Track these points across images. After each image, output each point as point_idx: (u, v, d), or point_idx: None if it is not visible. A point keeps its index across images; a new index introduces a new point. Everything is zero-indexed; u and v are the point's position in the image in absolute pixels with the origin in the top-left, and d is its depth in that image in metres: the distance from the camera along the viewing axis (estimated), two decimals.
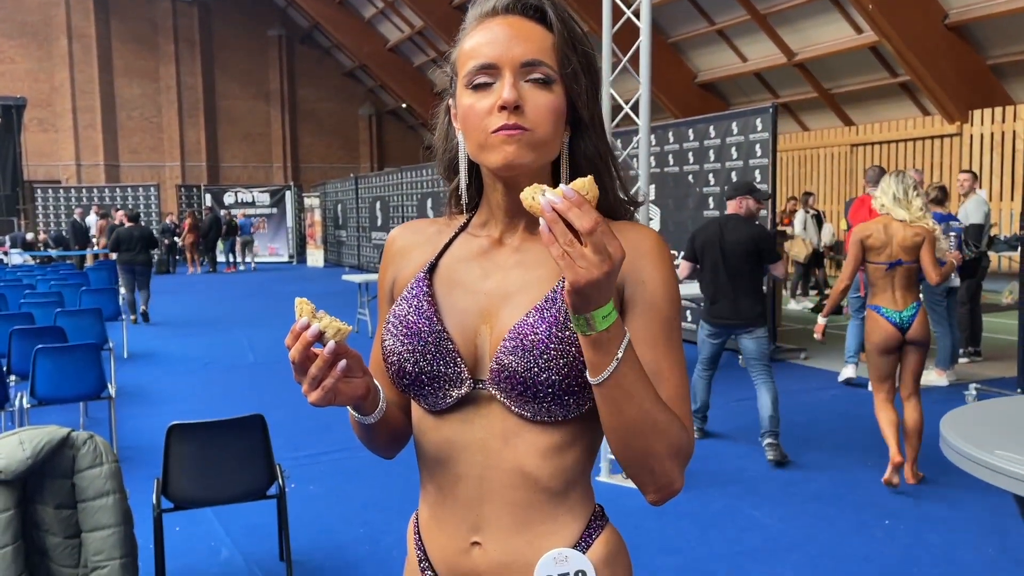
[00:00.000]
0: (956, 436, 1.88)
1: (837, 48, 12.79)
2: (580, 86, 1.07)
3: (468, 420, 1.07)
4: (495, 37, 1.04)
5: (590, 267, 0.86)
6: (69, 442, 2.66)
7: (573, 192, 0.87)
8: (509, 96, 1.01)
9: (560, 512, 1.07)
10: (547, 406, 1.02)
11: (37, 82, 24.66)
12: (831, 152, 14.70)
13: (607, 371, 0.93)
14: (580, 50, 1.07)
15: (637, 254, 1.05)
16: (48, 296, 7.97)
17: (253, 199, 23.89)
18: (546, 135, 1.04)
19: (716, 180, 8.40)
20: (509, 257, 1.11)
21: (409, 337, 1.07)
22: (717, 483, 4.49)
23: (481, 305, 1.09)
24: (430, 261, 1.14)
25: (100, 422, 5.61)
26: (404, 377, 1.08)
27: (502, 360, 1.03)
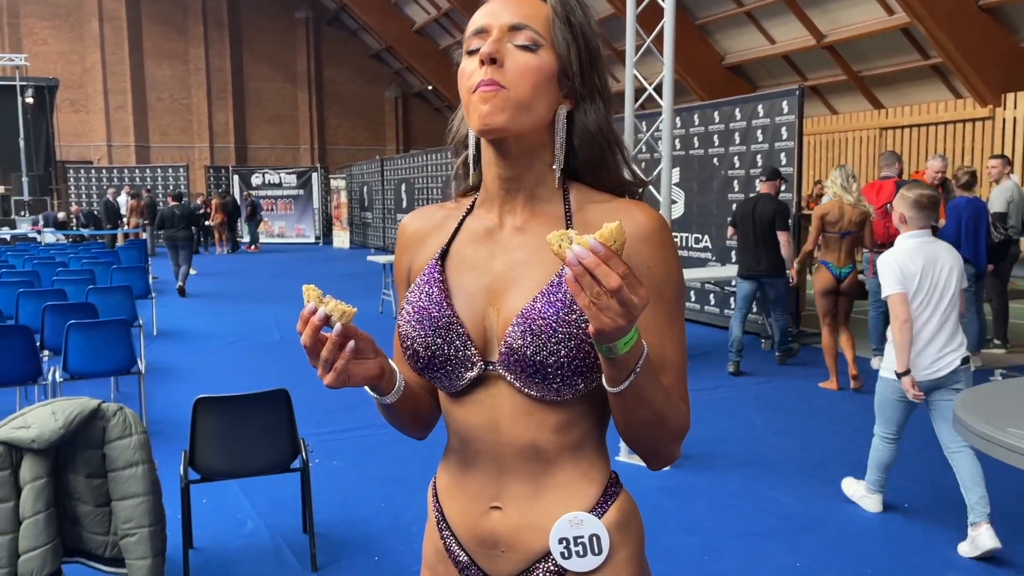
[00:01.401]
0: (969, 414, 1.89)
1: (868, 30, 12.59)
2: (571, 57, 1.08)
3: (480, 401, 1.11)
4: (492, 7, 1.09)
5: (616, 318, 0.88)
6: (100, 413, 2.74)
7: (600, 245, 0.87)
8: (487, 49, 1.04)
9: (575, 479, 1.11)
10: (556, 387, 1.05)
11: (69, 63, 24.96)
12: (859, 136, 14.51)
13: (624, 384, 0.97)
14: (575, 24, 1.09)
15: (641, 237, 1.06)
16: (80, 274, 8.13)
17: (280, 180, 24.07)
18: (523, 95, 1.05)
19: (741, 163, 8.35)
20: (513, 238, 1.13)
21: (421, 322, 1.11)
22: (734, 464, 4.51)
23: (489, 287, 1.11)
24: (442, 247, 1.16)
25: (130, 396, 5.74)
26: (419, 360, 1.12)
27: (511, 344, 1.05)
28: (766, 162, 8.02)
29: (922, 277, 3.50)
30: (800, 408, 5.68)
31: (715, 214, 8.77)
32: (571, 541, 1.10)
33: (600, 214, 1.11)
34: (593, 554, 1.10)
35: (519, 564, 1.13)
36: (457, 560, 1.18)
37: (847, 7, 12.66)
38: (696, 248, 9.09)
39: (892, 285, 3.51)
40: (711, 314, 9.01)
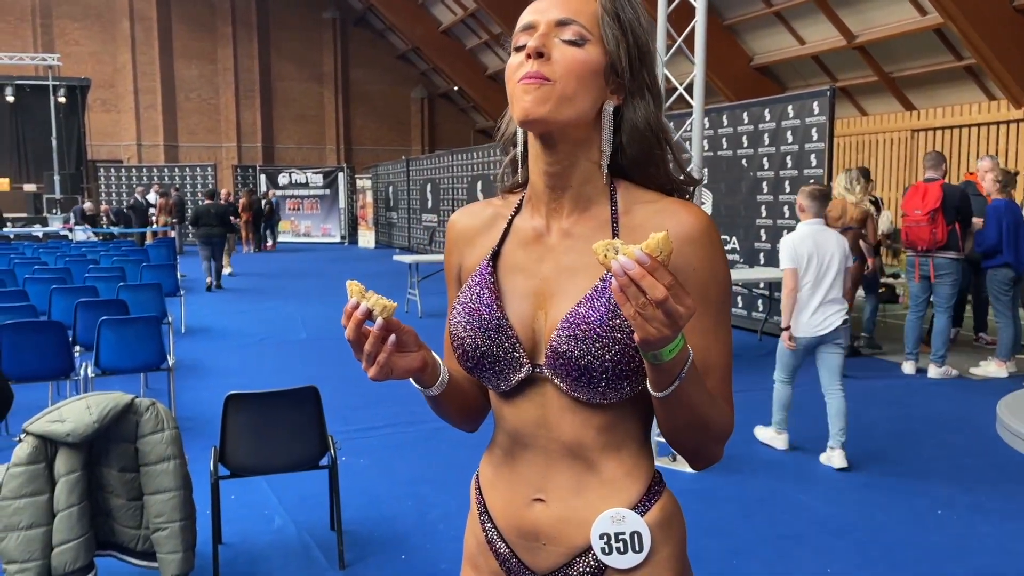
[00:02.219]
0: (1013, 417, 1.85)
1: (900, 30, 12.41)
2: (620, 52, 1.08)
3: (529, 399, 1.13)
4: (540, 4, 1.09)
5: (661, 328, 0.89)
6: (133, 408, 2.77)
7: (647, 257, 0.87)
8: (534, 43, 1.04)
9: (618, 476, 1.12)
10: (601, 390, 1.06)
11: (101, 64, 25.29)
12: (890, 137, 14.32)
13: (669, 389, 0.98)
14: (624, 20, 1.08)
15: (687, 238, 1.06)
16: (111, 271, 8.23)
17: (307, 180, 24.23)
18: (567, 89, 1.04)
19: (770, 164, 8.28)
20: (560, 241, 1.13)
21: (472, 324, 1.12)
22: (764, 468, 4.47)
23: (538, 290, 1.12)
24: (493, 248, 1.17)
25: (160, 392, 5.79)
26: (468, 360, 1.14)
27: (557, 348, 1.06)
28: (796, 163, 7.95)
29: (810, 258, 4.40)
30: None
31: (743, 215, 8.70)
32: (612, 537, 1.10)
33: (647, 215, 1.10)
34: (634, 551, 1.10)
35: (560, 557, 1.13)
36: (498, 552, 1.19)
37: (879, 7, 12.50)
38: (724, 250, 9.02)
39: (786, 261, 4.45)
40: (738, 316, 8.94)
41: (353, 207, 24.75)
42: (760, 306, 8.61)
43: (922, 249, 6.33)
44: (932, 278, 6.38)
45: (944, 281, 6.34)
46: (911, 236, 6.38)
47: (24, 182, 20.99)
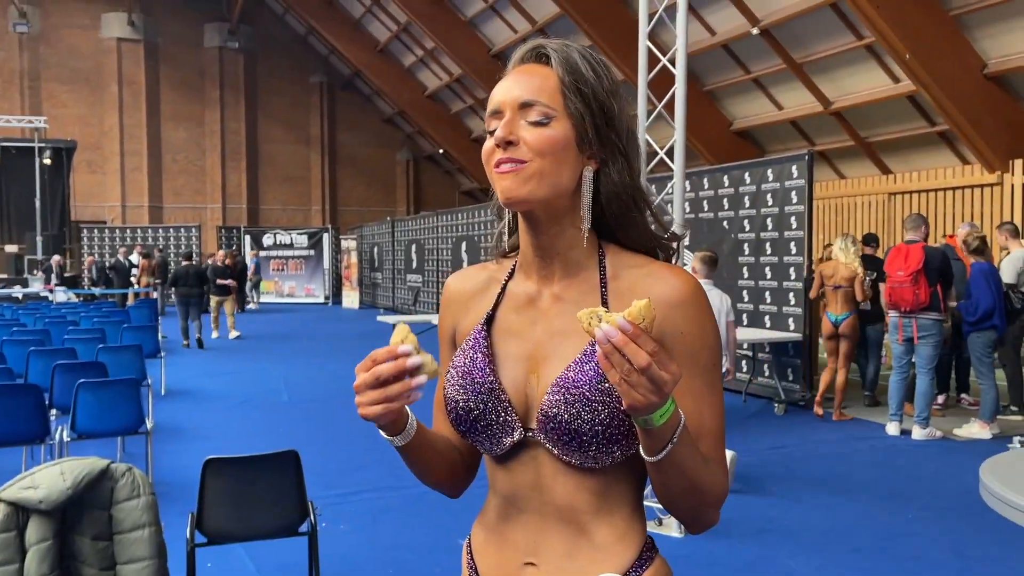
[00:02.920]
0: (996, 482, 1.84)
1: (874, 97, 12.75)
2: (586, 123, 1.10)
3: (523, 463, 1.13)
4: (505, 84, 1.12)
5: (647, 394, 0.90)
6: (108, 473, 2.71)
7: (628, 324, 0.89)
8: (500, 133, 1.08)
9: (611, 541, 1.11)
10: (592, 454, 1.06)
11: (88, 126, 25.45)
12: (868, 200, 14.58)
13: (662, 453, 0.98)
14: (586, 91, 1.10)
15: (674, 302, 1.07)
16: (91, 332, 8.14)
17: (291, 241, 24.27)
18: (542, 168, 1.07)
19: (751, 226, 8.38)
20: (552, 306, 1.14)
21: (466, 387, 1.13)
22: (751, 532, 4.41)
23: (530, 354, 1.13)
24: (487, 312, 1.18)
25: (137, 457, 5.68)
26: (461, 423, 1.15)
27: (547, 411, 1.07)
28: (776, 226, 8.06)
29: None
30: (816, 475, 5.58)
31: (725, 277, 8.76)
32: None
33: (635, 279, 1.12)
34: None
35: None
36: None
37: (853, 75, 12.86)
38: None
39: None
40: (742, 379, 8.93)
41: (338, 268, 24.76)
42: (744, 367, 8.62)
43: (905, 310, 6.39)
44: (915, 339, 6.42)
45: (927, 342, 6.39)
46: (894, 297, 6.44)
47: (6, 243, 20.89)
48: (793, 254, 7.89)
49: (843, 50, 12.40)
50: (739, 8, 12.79)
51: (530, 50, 1.14)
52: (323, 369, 10.62)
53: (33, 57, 24.98)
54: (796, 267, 7.86)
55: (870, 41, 11.77)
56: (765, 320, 8.24)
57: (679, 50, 4.46)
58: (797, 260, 7.85)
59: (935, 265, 6.34)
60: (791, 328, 7.89)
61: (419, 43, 21.57)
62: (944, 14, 10.76)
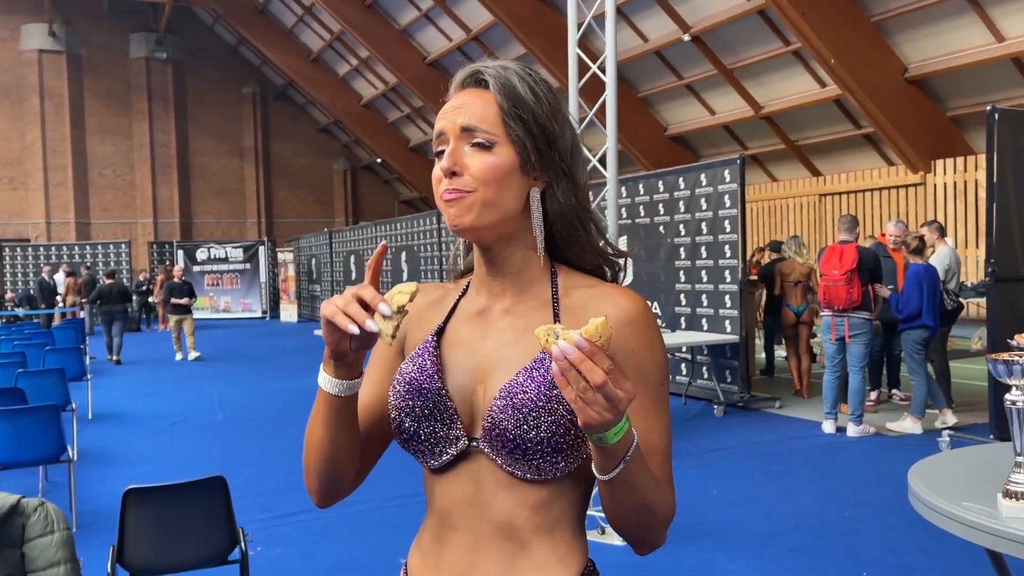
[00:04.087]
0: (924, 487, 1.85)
1: (802, 101, 13.06)
2: (527, 147, 1.10)
3: (462, 476, 1.11)
4: (446, 109, 1.13)
5: (602, 412, 0.91)
6: (19, 509, 2.55)
7: (585, 341, 0.90)
8: (444, 164, 1.09)
9: (551, 561, 1.09)
10: (536, 464, 1.05)
11: (8, 141, 24.54)
12: (799, 202, 14.92)
13: (615, 471, 0.98)
14: (526, 116, 1.11)
15: (625, 321, 1.08)
16: (10, 356, 7.79)
17: (226, 255, 23.74)
18: (487, 195, 1.09)
19: (686, 231, 8.47)
20: (501, 319, 1.15)
21: (411, 394, 1.12)
22: (691, 536, 4.42)
23: (478, 364, 1.13)
24: (439, 324, 1.18)
25: (60, 486, 5.44)
26: (403, 433, 1.13)
27: (493, 418, 1.06)
28: (711, 230, 8.16)
29: None
30: (755, 475, 5.64)
31: (663, 281, 8.85)
32: None
33: (585, 298, 1.13)
34: None
35: None
36: None
37: (782, 80, 13.15)
38: None
39: None
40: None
41: (275, 281, 24.32)
42: (683, 370, 8.70)
43: (839, 308, 6.52)
44: (847, 338, 6.56)
45: (858, 340, 6.53)
46: (829, 295, 6.56)
47: None
48: (728, 257, 7.99)
49: (772, 55, 12.68)
50: (670, 15, 12.97)
51: (469, 75, 1.14)
52: (259, 386, 10.37)
53: None
54: (731, 270, 7.96)
55: (797, 47, 12.05)
56: (703, 323, 8.32)
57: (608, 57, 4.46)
58: (732, 263, 7.95)
59: (868, 265, 6.50)
60: (728, 330, 7.98)
61: (353, 52, 21.36)
62: (867, 20, 11.08)
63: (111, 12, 25.30)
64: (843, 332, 6.56)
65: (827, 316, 6.67)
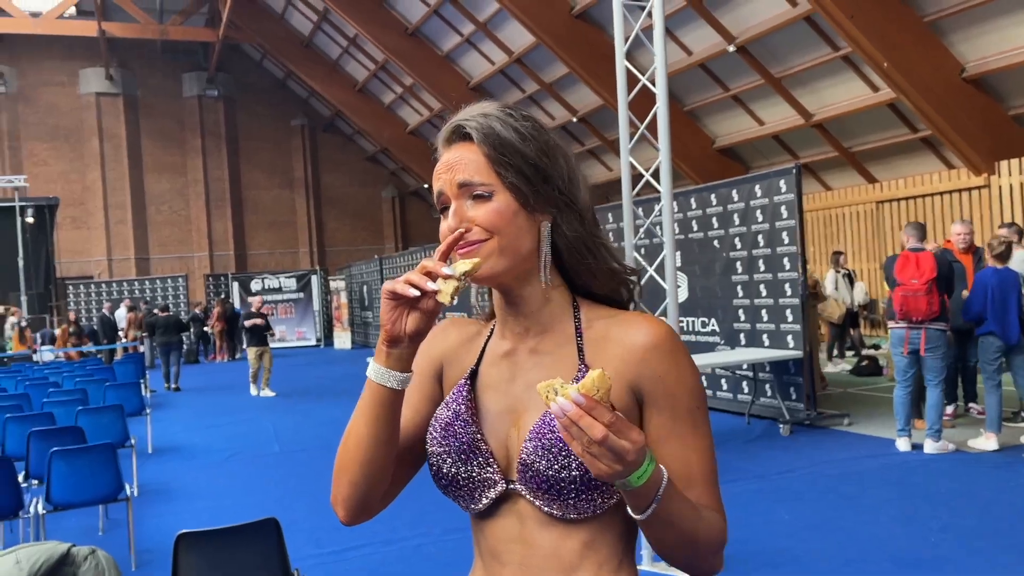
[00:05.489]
0: None
1: (854, 107, 12.71)
2: (523, 188, 1.11)
3: (506, 517, 1.12)
4: (439, 169, 1.16)
5: (611, 464, 0.91)
6: (69, 559, 2.49)
7: (582, 397, 0.90)
8: (451, 223, 1.11)
9: None
10: (572, 503, 1.06)
11: (70, 182, 25.32)
12: (856, 210, 14.50)
13: (648, 511, 0.98)
14: (514, 160, 1.11)
15: (649, 347, 1.09)
16: (71, 394, 7.89)
17: (280, 285, 24.07)
18: (499, 242, 1.10)
19: (742, 244, 8.24)
20: (528, 359, 1.15)
21: (447, 439, 1.13)
22: (762, 566, 4.19)
23: (511, 407, 1.14)
24: (471, 368, 1.19)
25: (121, 523, 5.44)
26: (442, 478, 1.14)
27: (526, 460, 1.07)
28: (768, 242, 7.91)
29: None
30: (828, 498, 5.37)
31: (720, 296, 8.61)
32: None
33: (606, 328, 1.13)
34: None
35: None
36: None
37: (832, 86, 12.83)
38: (703, 332, 8.89)
39: None
40: (724, 399, 8.73)
41: (328, 309, 24.54)
42: (745, 388, 8.43)
43: (917, 320, 6.12)
44: (922, 351, 6.20)
45: (935, 354, 6.15)
46: (908, 306, 6.10)
47: None
48: (787, 270, 7.74)
49: (820, 62, 12.38)
50: (714, 27, 12.77)
51: (452, 130, 1.16)
52: (314, 415, 10.37)
53: (12, 117, 24.90)
54: (791, 283, 7.70)
55: (847, 52, 11.75)
56: (763, 339, 8.06)
57: (658, 68, 4.32)
58: (792, 276, 7.70)
59: (944, 273, 6.11)
60: (790, 345, 7.71)
61: (398, 80, 21.57)
62: (919, 20, 10.74)
63: (164, 53, 26.03)
64: (917, 345, 6.17)
65: (899, 328, 6.29)
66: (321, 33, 22.51)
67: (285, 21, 23.51)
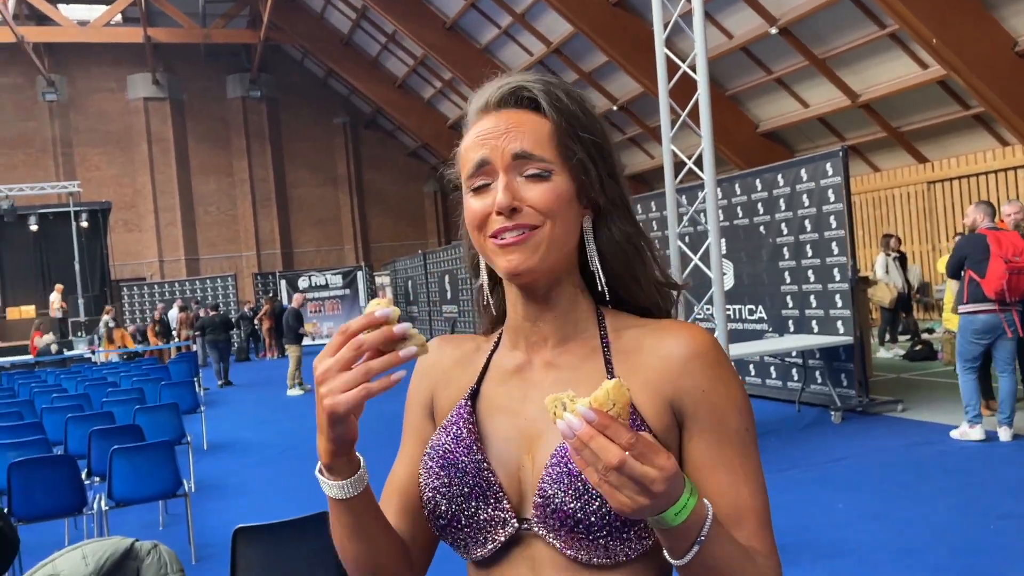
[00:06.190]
0: None
1: (903, 86, 12.41)
2: (590, 175, 0.96)
3: (514, 565, 0.93)
4: (488, 133, 0.95)
5: (634, 496, 0.75)
6: (132, 553, 2.56)
7: (593, 412, 0.75)
8: (503, 200, 0.92)
9: None
10: (603, 544, 0.87)
11: (121, 186, 25.94)
12: (906, 191, 14.18)
13: (689, 555, 0.80)
14: (585, 136, 0.96)
15: (690, 357, 0.93)
16: (129, 393, 8.12)
17: (326, 282, 24.37)
18: (554, 231, 0.93)
19: (789, 229, 8.11)
20: (545, 375, 0.98)
21: (446, 469, 0.95)
22: (820, 557, 4.14)
23: (523, 432, 0.96)
24: (471, 387, 1.01)
25: (179, 519, 5.58)
26: (439, 518, 0.95)
27: (546, 491, 0.89)
28: (815, 226, 7.78)
29: None
30: (883, 486, 5.27)
31: (767, 283, 8.50)
32: None
33: (639, 338, 0.97)
34: None
35: None
36: None
37: (879, 65, 12.54)
38: (751, 320, 8.78)
39: None
40: (773, 387, 8.62)
41: None
42: (795, 375, 8.31)
43: (1014, 300, 5.80)
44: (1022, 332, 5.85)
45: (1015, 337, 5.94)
46: (1012, 284, 5.74)
47: (49, 307, 21.26)
48: (836, 254, 7.60)
49: (866, 41, 12.10)
50: (755, 9, 12.56)
51: (510, 92, 0.97)
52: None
53: (64, 124, 25.58)
54: (840, 268, 7.57)
55: (894, 29, 11.46)
56: (812, 325, 7.94)
57: (699, 54, 4.28)
58: (840, 260, 7.56)
59: None
60: (840, 331, 7.58)
61: (437, 75, 21.65)
62: None
63: (207, 57, 26.48)
64: (1015, 326, 5.84)
65: (987, 313, 5.86)
66: (360, 31, 22.68)
67: (325, 20, 23.74)
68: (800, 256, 8.02)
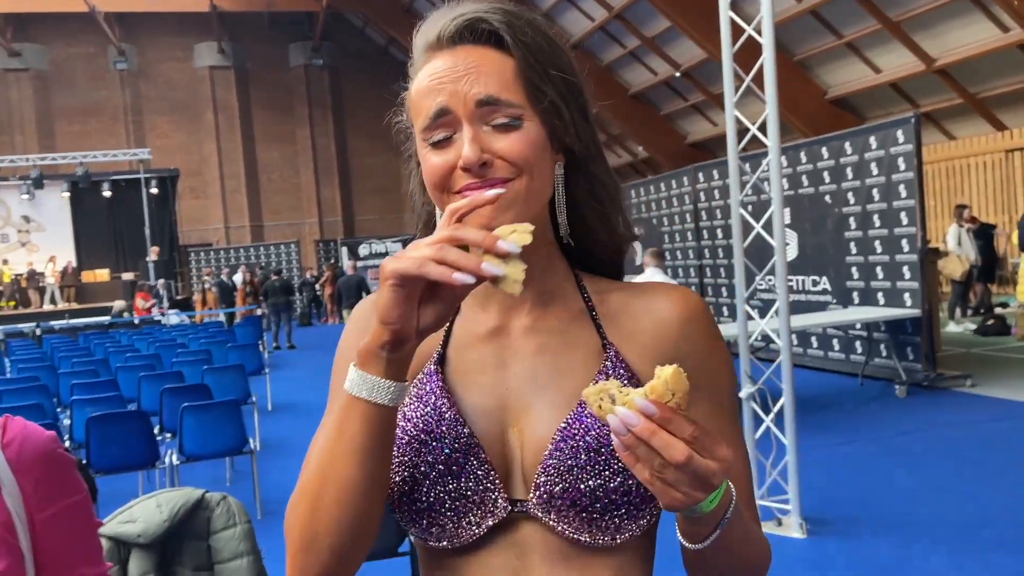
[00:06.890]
0: None
1: (982, 50, 11.90)
2: (563, 118, 0.84)
3: (497, 553, 0.83)
4: (443, 76, 0.83)
5: (691, 492, 0.70)
6: (203, 503, 2.68)
7: (653, 405, 0.68)
8: (470, 155, 0.80)
9: None
10: (615, 524, 0.81)
11: (189, 154, 26.58)
12: (982, 160, 13.64)
13: (709, 540, 0.76)
14: (554, 76, 0.84)
15: (685, 321, 0.87)
16: (197, 354, 8.39)
17: (387, 249, 24.66)
18: (529, 183, 0.82)
19: (856, 199, 7.90)
20: (527, 340, 0.88)
21: (427, 445, 0.83)
22: (879, 529, 4.08)
23: (505, 403, 0.85)
24: (436, 351, 0.89)
25: (245, 475, 5.77)
26: (415, 502, 0.83)
27: (555, 469, 0.81)
28: (884, 196, 7.56)
29: None
30: (946, 461, 5.16)
31: (832, 254, 8.31)
32: None
33: (625, 300, 0.90)
34: None
35: None
36: None
37: (956, 28, 12.03)
38: (814, 291, 8.61)
39: None
40: (836, 360, 8.47)
41: None
42: (859, 348, 8.14)
43: None
44: None
45: None
46: None
47: (122, 271, 21.99)
48: (904, 225, 7.39)
49: (943, 3, 11.61)
50: None
51: (466, 25, 0.84)
52: None
53: (134, 92, 26.25)
54: (909, 238, 7.35)
55: None
56: (879, 297, 7.75)
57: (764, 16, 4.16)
58: (910, 231, 7.34)
59: None
60: (907, 304, 7.39)
61: None
62: None
63: (271, 25, 26.80)
64: None
65: None
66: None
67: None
68: (867, 226, 7.81)
